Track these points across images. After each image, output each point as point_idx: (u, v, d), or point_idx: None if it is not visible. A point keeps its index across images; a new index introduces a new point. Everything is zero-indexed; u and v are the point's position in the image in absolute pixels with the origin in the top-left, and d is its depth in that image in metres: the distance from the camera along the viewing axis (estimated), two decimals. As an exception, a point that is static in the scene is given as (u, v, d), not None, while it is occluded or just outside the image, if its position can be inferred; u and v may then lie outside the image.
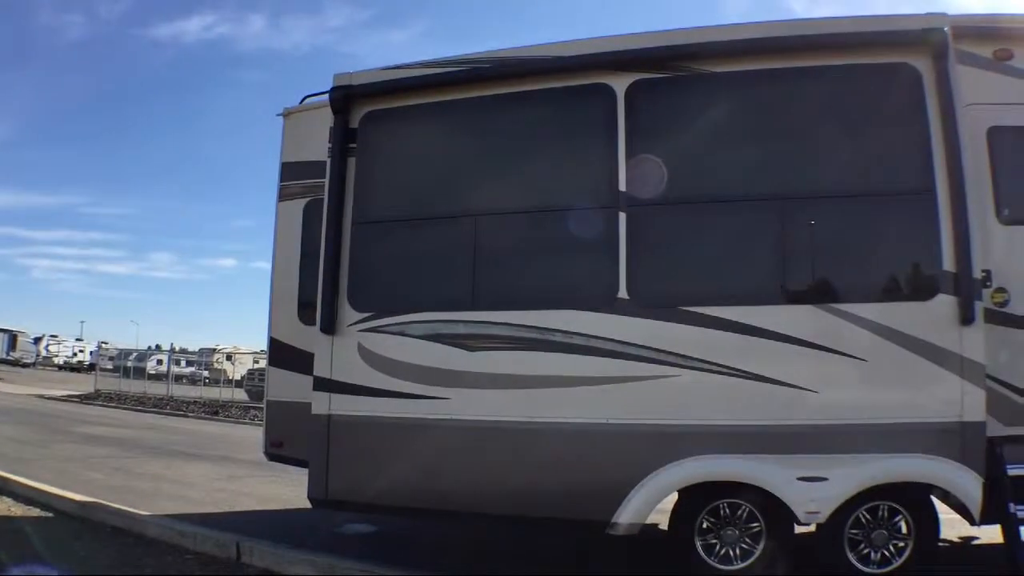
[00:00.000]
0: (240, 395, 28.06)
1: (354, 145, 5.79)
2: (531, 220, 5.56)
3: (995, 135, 5.37)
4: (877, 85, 5.23)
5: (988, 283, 5.19)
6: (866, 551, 5.05)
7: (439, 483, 5.37)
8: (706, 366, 5.03)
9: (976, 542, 6.27)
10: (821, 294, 5.07)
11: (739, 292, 5.15)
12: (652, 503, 5.07)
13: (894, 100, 5.21)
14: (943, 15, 5.26)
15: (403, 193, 5.89)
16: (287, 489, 8.63)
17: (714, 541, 5.14)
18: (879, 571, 5.04)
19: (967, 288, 4.85)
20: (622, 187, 5.28)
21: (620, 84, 5.40)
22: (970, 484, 4.87)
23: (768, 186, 5.25)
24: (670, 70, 5.39)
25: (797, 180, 5.28)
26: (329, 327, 5.61)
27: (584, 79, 5.49)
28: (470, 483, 5.32)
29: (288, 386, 6.65)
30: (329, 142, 5.82)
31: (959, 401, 4.89)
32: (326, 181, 5.78)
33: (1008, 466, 5.05)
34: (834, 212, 5.12)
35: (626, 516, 5.04)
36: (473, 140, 5.81)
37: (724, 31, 5.42)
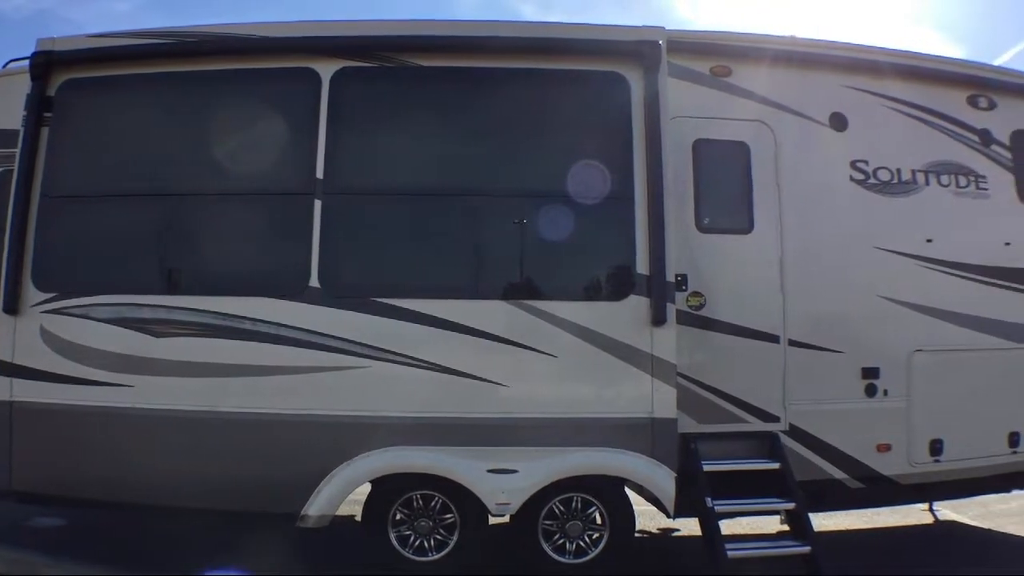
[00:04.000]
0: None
1: (50, 114, 5.42)
2: (223, 203, 5.36)
3: (701, 147, 5.66)
4: (588, 92, 5.40)
5: (684, 287, 5.46)
6: (561, 541, 5.20)
7: (125, 475, 5.09)
8: (397, 358, 5.04)
9: (676, 534, 6.59)
10: (514, 291, 5.18)
11: (433, 286, 5.19)
12: (342, 495, 5.02)
13: (602, 107, 5.40)
14: (660, 29, 5.49)
15: (95, 168, 5.54)
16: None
17: (408, 532, 5.16)
18: (575, 561, 5.20)
19: (659, 290, 5.07)
20: (319, 175, 5.20)
21: (326, 70, 5.31)
22: (662, 478, 5.10)
23: (468, 182, 5.32)
24: (378, 60, 5.35)
25: (498, 178, 5.36)
26: (11, 307, 5.19)
27: (290, 62, 5.36)
28: (156, 475, 5.06)
29: None
30: (24, 109, 5.41)
31: (649, 398, 5.12)
32: (17, 150, 5.37)
33: (704, 462, 5.34)
34: (532, 211, 5.22)
35: (316, 508, 4.96)
36: (171, 117, 5.55)
37: (436, 26, 5.45)
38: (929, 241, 5.87)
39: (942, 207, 5.97)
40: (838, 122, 5.85)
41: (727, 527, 5.41)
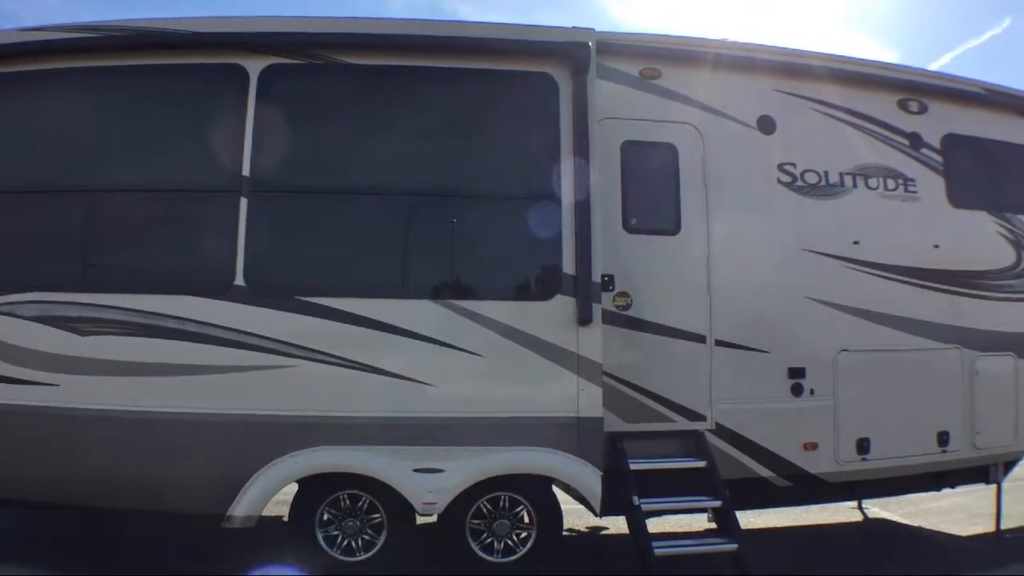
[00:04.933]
0: None
1: None
2: (149, 200, 5.29)
3: (629, 149, 5.70)
4: (516, 92, 5.44)
5: (611, 287, 5.51)
6: (489, 540, 5.24)
7: (50, 475, 5.01)
8: (322, 357, 5.03)
9: (604, 532, 6.64)
10: (441, 290, 5.20)
11: (359, 285, 5.18)
12: (268, 496, 5.00)
13: (531, 108, 5.44)
14: (590, 30, 5.53)
15: (18, 163, 5.40)
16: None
17: (336, 532, 5.15)
18: (503, 560, 5.24)
19: (585, 290, 5.13)
20: (245, 172, 5.16)
21: (254, 67, 5.27)
22: (589, 477, 5.17)
23: (396, 181, 5.31)
24: (307, 57, 5.33)
25: (425, 177, 5.38)
26: (-64, 306, 5.11)
27: (219, 58, 5.30)
28: (81, 475, 5.00)
29: None
30: None
31: (575, 398, 5.17)
32: None
33: (630, 460, 5.39)
34: (459, 211, 5.26)
35: (241, 509, 4.94)
36: (96, 111, 5.45)
37: (366, 24, 5.42)
38: (856, 243, 5.96)
39: (870, 209, 6.07)
40: (766, 125, 5.91)
41: (655, 525, 5.46)
